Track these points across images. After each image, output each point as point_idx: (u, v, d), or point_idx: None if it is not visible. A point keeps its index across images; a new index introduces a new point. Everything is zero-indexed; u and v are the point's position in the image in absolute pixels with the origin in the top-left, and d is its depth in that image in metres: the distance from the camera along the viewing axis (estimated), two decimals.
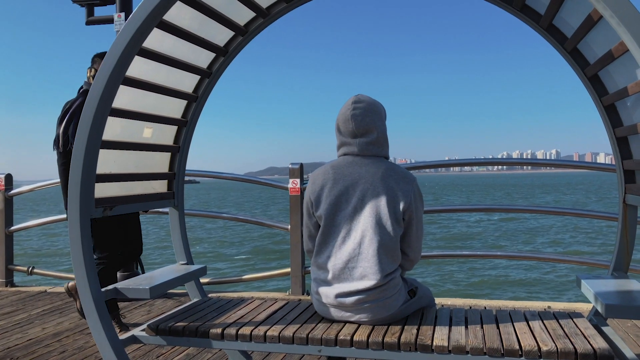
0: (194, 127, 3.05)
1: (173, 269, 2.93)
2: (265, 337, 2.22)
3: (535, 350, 1.97)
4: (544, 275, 12.73)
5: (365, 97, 2.36)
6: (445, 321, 2.30)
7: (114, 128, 2.50)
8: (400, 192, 2.23)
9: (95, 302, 2.25)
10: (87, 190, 2.27)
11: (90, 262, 2.28)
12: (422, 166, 5.23)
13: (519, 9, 2.53)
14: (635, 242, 2.58)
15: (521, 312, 2.41)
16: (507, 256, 4.97)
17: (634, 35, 1.71)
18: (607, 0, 1.72)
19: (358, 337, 2.13)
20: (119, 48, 2.17)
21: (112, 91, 2.24)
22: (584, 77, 2.51)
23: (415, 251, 2.34)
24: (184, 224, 3.10)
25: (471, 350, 2.02)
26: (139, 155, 2.75)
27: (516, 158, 4.98)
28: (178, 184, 3.05)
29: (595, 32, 2.24)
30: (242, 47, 2.98)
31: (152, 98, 2.70)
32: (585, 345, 1.96)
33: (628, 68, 2.12)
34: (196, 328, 2.32)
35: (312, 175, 2.40)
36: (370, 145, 2.30)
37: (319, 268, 2.32)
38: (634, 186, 2.39)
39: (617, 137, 2.47)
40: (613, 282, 2.30)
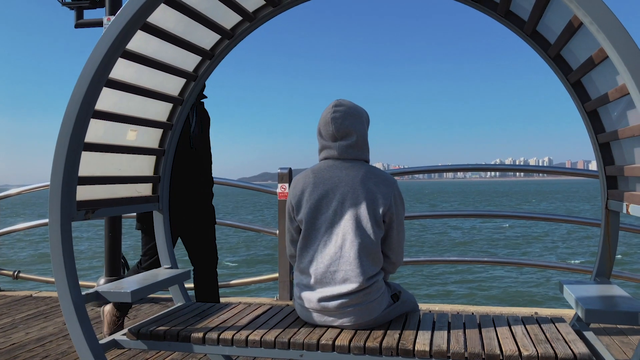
0: (179, 131, 3.04)
1: (157, 273, 2.91)
2: (247, 342, 2.20)
3: (516, 355, 1.96)
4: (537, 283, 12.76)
5: (346, 102, 2.38)
6: (428, 326, 2.29)
7: (97, 130, 2.49)
8: (380, 194, 2.23)
9: (75, 307, 2.23)
10: (69, 193, 2.25)
11: (70, 266, 2.25)
12: (415, 171, 5.24)
13: (503, 15, 2.55)
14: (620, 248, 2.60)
15: (504, 318, 2.41)
16: (493, 262, 4.98)
17: (613, 41, 1.72)
18: (586, 7, 1.74)
19: (340, 342, 2.12)
20: (102, 50, 2.17)
21: (94, 93, 2.23)
22: (567, 83, 2.52)
23: (397, 254, 2.34)
24: (169, 227, 3.08)
25: (452, 355, 2.01)
26: (123, 158, 2.74)
27: (509, 165, 4.99)
28: (163, 187, 3.03)
29: (577, 39, 2.26)
30: (228, 50, 2.97)
31: (137, 101, 2.68)
32: (565, 350, 1.96)
33: (609, 74, 2.13)
34: (177, 332, 2.30)
35: (293, 180, 2.40)
36: (350, 148, 2.30)
37: (301, 273, 2.31)
38: (616, 192, 2.40)
39: (599, 143, 2.48)
40: (595, 288, 2.31)
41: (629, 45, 1.71)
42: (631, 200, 2.13)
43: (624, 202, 2.22)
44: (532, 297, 11.54)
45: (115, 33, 2.15)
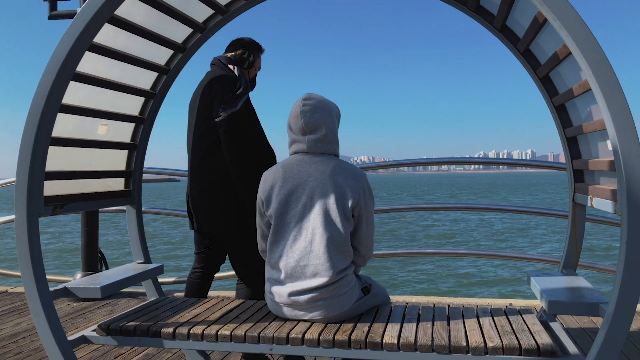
0: (151, 124, 3.01)
1: (129, 267, 2.89)
2: (217, 337, 2.20)
3: (481, 346, 2.00)
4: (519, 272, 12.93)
5: (316, 95, 2.38)
6: (398, 318, 2.32)
7: (65, 124, 2.46)
8: (349, 188, 2.24)
9: (43, 303, 2.20)
10: (35, 189, 2.21)
11: (37, 262, 2.22)
12: (400, 164, 5.27)
13: (473, 10, 2.57)
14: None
15: (474, 310, 2.45)
16: (463, 254, 5.03)
17: (575, 38, 1.74)
18: (549, 3, 1.76)
19: (309, 335, 2.13)
20: (67, 44, 2.13)
21: (61, 88, 2.19)
22: (536, 77, 2.55)
23: (367, 247, 2.36)
24: (142, 222, 3.06)
25: (420, 347, 2.04)
26: (94, 152, 2.71)
27: (492, 158, 5.03)
28: (135, 182, 3.01)
29: (545, 34, 2.28)
30: (201, 44, 2.96)
31: (108, 95, 2.66)
32: (529, 340, 2.00)
33: (575, 69, 2.16)
34: (148, 328, 2.29)
35: (263, 175, 2.40)
36: (319, 142, 2.31)
37: (271, 267, 2.32)
38: (582, 185, 2.44)
39: (567, 137, 2.52)
40: (561, 279, 2.35)
41: (590, 42, 1.73)
42: (595, 194, 2.17)
43: (589, 195, 2.26)
44: (510, 286, 11.71)
45: (81, 26, 2.12)
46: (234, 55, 2.92)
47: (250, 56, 2.95)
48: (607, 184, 2.15)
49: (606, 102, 1.72)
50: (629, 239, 1.73)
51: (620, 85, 1.72)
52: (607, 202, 2.00)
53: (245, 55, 2.93)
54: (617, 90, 1.71)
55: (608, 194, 1.99)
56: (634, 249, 1.73)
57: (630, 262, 1.74)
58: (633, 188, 1.71)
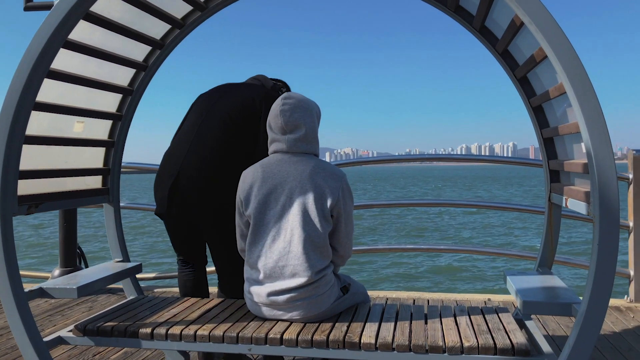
0: (130, 121, 2.98)
1: (107, 266, 2.87)
2: (195, 337, 2.20)
3: (457, 346, 2.02)
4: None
5: (296, 95, 2.38)
6: (377, 317, 2.33)
7: (40, 122, 2.42)
8: (328, 189, 2.24)
9: (17, 304, 2.17)
10: (8, 188, 2.17)
11: (11, 262, 2.19)
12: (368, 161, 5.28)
13: (453, 10, 2.58)
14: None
15: (451, 308, 2.47)
16: (440, 249, 5.08)
17: (550, 41, 1.76)
18: (525, 7, 1.77)
19: (288, 336, 2.14)
20: (41, 41, 2.09)
21: (34, 85, 2.15)
22: (514, 78, 2.58)
23: (345, 247, 2.37)
24: (120, 220, 3.04)
25: (397, 347, 2.06)
26: (70, 150, 2.67)
27: (474, 154, 5.08)
28: (113, 179, 2.98)
29: (522, 35, 2.30)
30: (179, 40, 2.92)
31: (84, 92, 2.61)
32: (504, 340, 2.03)
33: (551, 71, 2.18)
34: (125, 328, 2.27)
35: (242, 174, 2.39)
36: (298, 141, 2.31)
37: (250, 267, 2.31)
38: (558, 185, 2.48)
39: (543, 137, 2.55)
40: (536, 279, 2.39)
41: (565, 46, 1.75)
42: (570, 195, 2.20)
43: (564, 196, 2.29)
44: (489, 282, 11.84)
45: (55, 23, 2.08)
46: (276, 83, 2.99)
47: (280, 92, 2.98)
48: (581, 186, 2.19)
49: (580, 107, 1.74)
50: (601, 241, 1.76)
51: (594, 89, 1.75)
52: (581, 203, 2.03)
53: (283, 89, 3.01)
54: (591, 95, 1.74)
55: (582, 195, 2.03)
56: (605, 251, 1.77)
57: (601, 263, 1.77)
58: (605, 192, 1.74)
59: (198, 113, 2.74)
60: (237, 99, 2.71)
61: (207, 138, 2.65)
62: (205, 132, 2.66)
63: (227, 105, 2.69)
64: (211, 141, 2.64)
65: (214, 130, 2.65)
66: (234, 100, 2.71)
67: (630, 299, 4.36)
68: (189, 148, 2.64)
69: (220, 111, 2.69)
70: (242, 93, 2.75)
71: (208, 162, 2.61)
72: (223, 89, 2.80)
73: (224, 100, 2.72)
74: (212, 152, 2.62)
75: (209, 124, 2.67)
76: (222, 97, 2.74)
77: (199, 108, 2.76)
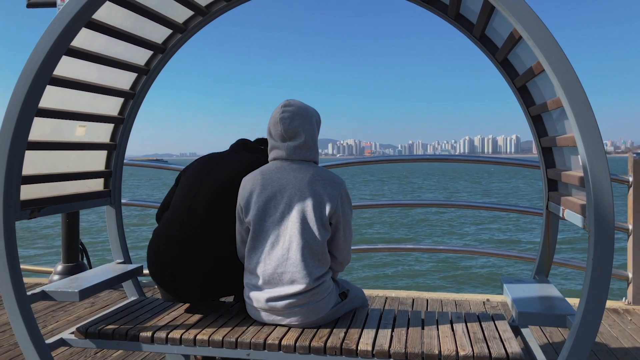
0: (131, 124, 3.00)
1: (109, 268, 2.90)
2: (195, 341, 2.23)
3: (453, 355, 2.05)
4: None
5: (296, 102, 2.39)
6: (374, 324, 2.36)
7: (42, 128, 2.44)
8: (327, 196, 2.26)
9: (20, 308, 2.21)
10: (11, 194, 2.20)
11: (14, 266, 2.22)
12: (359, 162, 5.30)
13: (453, 18, 2.58)
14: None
15: (448, 315, 2.50)
16: (442, 250, 5.11)
17: (547, 57, 1.77)
18: (524, 23, 1.78)
19: (286, 342, 2.17)
20: (44, 49, 2.11)
21: (37, 92, 2.17)
22: (513, 87, 2.59)
23: (344, 254, 2.39)
24: (122, 222, 3.07)
25: (393, 354, 2.09)
26: (72, 154, 2.70)
27: (475, 155, 5.08)
28: (115, 181, 3.00)
29: (522, 46, 2.31)
30: (181, 44, 2.93)
31: (86, 96, 2.63)
32: (500, 349, 2.06)
33: (551, 83, 2.19)
34: (126, 332, 2.31)
35: (242, 180, 2.41)
36: (298, 149, 2.33)
37: (250, 273, 2.34)
38: (556, 195, 2.49)
39: (542, 146, 2.56)
40: (532, 288, 2.41)
41: (563, 63, 1.76)
42: (567, 206, 2.22)
43: (561, 206, 2.31)
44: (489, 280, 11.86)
45: (57, 31, 2.09)
46: (260, 141, 2.90)
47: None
48: (578, 197, 2.20)
49: (577, 123, 1.75)
50: (595, 256, 1.78)
51: (591, 106, 1.76)
52: (577, 216, 2.05)
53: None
54: (588, 112, 1.75)
55: (578, 208, 2.04)
56: (599, 265, 1.79)
57: (595, 278, 1.80)
58: (600, 207, 1.76)
59: (187, 189, 2.58)
60: (227, 171, 2.57)
61: (199, 216, 2.49)
62: (198, 209, 2.50)
63: (219, 179, 2.55)
64: (203, 218, 2.49)
65: (207, 207, 2.50)
66: (225, 172, 2.57)
67: (629, 301, 4.38)
68: (181, 230, 2.50)
69: (211, 185, 2.54)
70: (230, 166, 2.60)
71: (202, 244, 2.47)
72: (211, 162, 2.65)
73: (214, 174, 2.58)
74: (204, 230, 2.47)
75: (201, 200, 2.52)
76: (212, 171, 2.59)
77: (188, 184, 2.60)
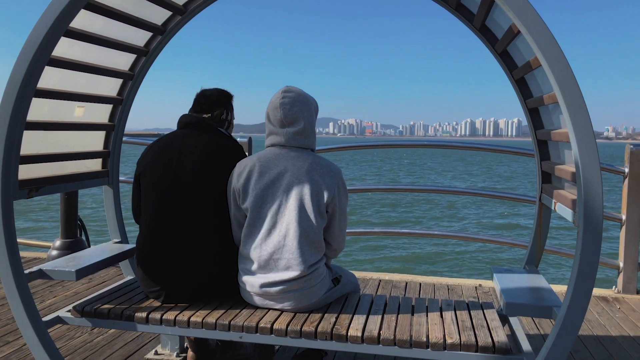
0: (130, 105, 3.00)
1: (105, 247, 2.94)
2: (189, 323, 2.28)
3: (440, 342, 2.10)
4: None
5: (295, 88, 2.41)
6: (365, 310, 2.41)
7: (41, 108, 2.44)
8: (325, 185, 2.29)
9: (17, 286, 2.24)
10: (9, 173, 2.22)
11: (12, 245, 2.25)
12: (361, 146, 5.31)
13: (454, 7, 2.57)
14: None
15: (437, 302, 2.54)
16: (433, 235, 5.15)
17: (545, 54, 1.78)
18: (522, 19, 1.78)
19: (278, 326, 2.22)
20: (42, 30, 2.10)
21: (35, 73, 2.18)
22: (511, 78, 2.59)
23: (339, 241, 2.43)
24: (119, 201, 3.09)
25: (382, 341, 2.14)
26: (70, 134, 2.71)
27: (473, 141, 5.08)
28: (113, 161, 3.02)
29: (522, 39, 2.30)
30: (181, 25, 2.92)
31: (84, 77, 2.64)
32: (486, 338, 2.11)
33: (547, 78, 2.20)
34: (121, 311, 2.36)
35: (238, 165, 2.41)
36: (297, 135, 2.34)
37: (245, 258, 2.38)
38: (549, 187, 2.52)
39: (537, 138, 2.58)
40: (522, 278, 2.45)
41: (560, 60, 1.77)
42: (558, 199, 2.24)
43: (553, 199, 2.34)
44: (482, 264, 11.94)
45: (55, 13, 2.09)
46: (211, 117, 2.57)
47: (229, 115, 2.65)
48: (569, 192, 2.23)
49: (571, 120, 1.77)
50: (583, 251, 1.81)
51: (586, 104, 1.77)
52: (568, 210, 2.08)
53: (224, 116, 2.62)
54: (582, 110, 1.76)
55: (569, 202, 2.07)
56: (586, 261, 1.82)
57: (582, 272, 1.83)
58: (590, 203, 1.79)
59: (157, 198, 2.41)
60: (198, 169, 2.40)
61: (182, 228, 2.38)
62: (177, 223, 2.38)
63: (191, 182, 2.39)
64: (187, 229, 2.38)
65: (189, 217, 2.38)
66: (196, 171, 2.40)
67: (618, 290, 4.45)
68: (167, 247, 2.39)
69: (186, 190, 2.39)
70: (198, 161, 2.41)
71: (192, 256, 2.39)
72: (170, 157, 2.43)
73: (184, 175, 2.40)
74: (191, 242, 2.38)
75: (179, 209, 2.38)
76: (179, 170, 2.41)
77: (157, 191, 2.42)
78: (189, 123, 2.53)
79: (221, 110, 2.61)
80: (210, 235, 2.41)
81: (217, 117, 2.59)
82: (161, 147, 2.49)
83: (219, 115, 2.59)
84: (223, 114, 2.61)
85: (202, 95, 2.61)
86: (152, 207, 2.43)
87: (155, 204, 2.42)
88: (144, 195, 2.47)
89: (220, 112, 2.60)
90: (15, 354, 3.01)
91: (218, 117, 2.59)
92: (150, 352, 3.04)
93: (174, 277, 2.40)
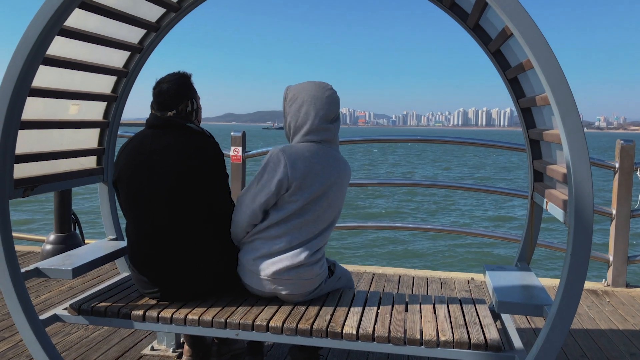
0: (124, 102, 3.00)
1: (101, 245, 2.95)
2: (186, 321, 2.30)
3: (434, 340, 2.14)
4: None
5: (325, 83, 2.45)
6: (359, 307, 2.44)
7: (35, 106, 2.44)
8: (347, 183, 2.46)
9: (14, 284, 2.25)
10: (5, 173, 2.22)
11: (8, 244, 2.25)
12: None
13: (448, 7, 2.58)
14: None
15: (431, 298, 2.58)
16: (429, 229, 5.20)
17: (537, 57, 1.80)
18: (515, 21, 1.80)
19: (274, 323, 2.24)
20: (37, 30, 2.10)
21: (30, 73, 2.17)
22: (505, 78, 2.61)
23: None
24: (114, 198, 3.10)
25: (377, 338, 2.17)
26: (64, 132, 2.71)
27: (467, 138, 5.10)
28: (108, 159, 3.02)
29: (515, 40, 2.32)
30: (175, 22, 2.92)
31: (79, 75, 2.63)
32: (479, 335, 2.15)
33: (540, 80, 2.22)
34: (118, 309, 2.37)
35: (290, 156, 2.30)
36: (338, 130, 2.43)
37: (264, 240, 2.37)
38: (541, 186, 2.55)
39: (530, 138, 2.61)
40: (513, 276, 2.49)
41: (552, 64, 1.79)
42: (550, 199, 2.28)
43: (545, 198, 2.37)
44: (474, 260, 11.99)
45: (50, 12, 2.08)
46: (176, 114, 2.43)
47: (194, 104, 2.50)
48: (561, 191, 2.26)
49: (562, 122, 1.80)
50: (573, 252, 1.85)
51: (577, 107, 1.80)
52: (559, 210, 2.11)
53: (189, 108, 2.47)
54: (573, 112, 1.79)
55: (560, 202, 2.10)
56: (576, 261, 1.86)
57: (572, 272, 1.87)
58: (580, 205, 1.82)
59: (138, 204, 2.38)
60: (196, 170, 2.35)
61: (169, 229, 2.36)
62: (175, 218, 2.36)
63: (167, 173, 2.33)
64: (195, 222, 2.39)
65: (188, 214, 2.37)
66: (195, 171, 2.35)
67: (608, 283, 4.52)
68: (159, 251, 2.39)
69: (161, 184, 2.34)
70: (172, 150, 2.34)
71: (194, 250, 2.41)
72: (140, 165, 2.36)
73: (159, 181, 2.34)
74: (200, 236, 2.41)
75: (162, 214, 2.35)
76: (153, 178, 2.34)
77: (139, 198, 2.37)
78: (155, 125, 2.42)
79: (185, 103, 2.44)
80: (196, 235, 2.41)
81: (183, 111, 2.44)
82: (132, 149, 2.41)
83: (184, 109, 2.44)
84: (188, 106, 2.46)
85: (160, 92, 2.42)
86: (133, 212, 2.41)
87: (135, 209, 2.39)
88: (123, 200, 2.43)
89: (185, 105, 2.44)
90: (11, 350, 3.02)
91: (184, 111, 2.44)
92: (146, 347, 3.07)
93: (167, 279, 2.42)
